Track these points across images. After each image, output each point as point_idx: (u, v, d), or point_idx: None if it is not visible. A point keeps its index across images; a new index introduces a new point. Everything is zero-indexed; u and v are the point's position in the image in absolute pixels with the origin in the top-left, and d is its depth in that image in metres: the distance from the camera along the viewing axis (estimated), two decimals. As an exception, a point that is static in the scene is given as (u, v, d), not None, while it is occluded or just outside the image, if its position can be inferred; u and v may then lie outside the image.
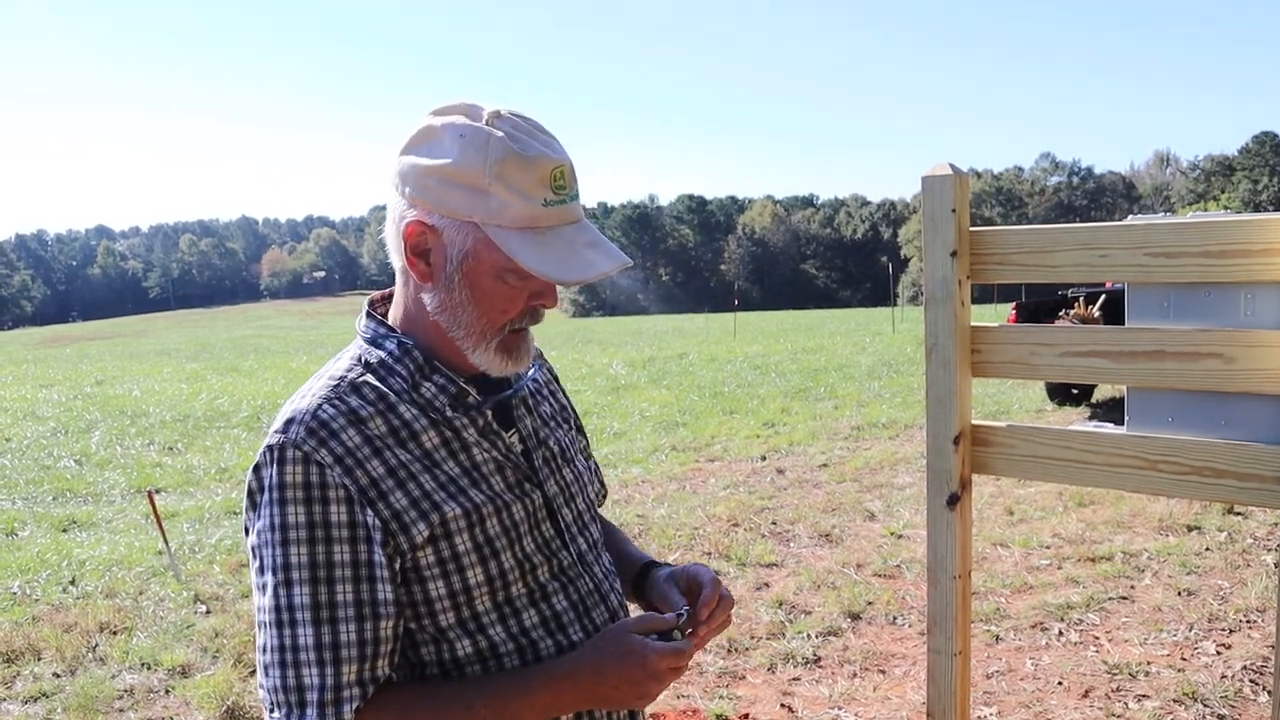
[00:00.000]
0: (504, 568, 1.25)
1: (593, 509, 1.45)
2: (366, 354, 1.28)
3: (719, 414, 12.02)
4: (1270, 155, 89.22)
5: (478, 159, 1.18)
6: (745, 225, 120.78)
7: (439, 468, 1.24)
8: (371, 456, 1.19)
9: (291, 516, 1.15)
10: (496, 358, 1.26)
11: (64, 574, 6.09)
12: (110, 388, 17.46)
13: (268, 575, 1.17)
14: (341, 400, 1.22)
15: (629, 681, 1.20)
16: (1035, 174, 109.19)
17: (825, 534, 6.50)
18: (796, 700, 4.12)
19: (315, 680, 1.15)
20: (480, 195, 1.18)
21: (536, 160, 1.18)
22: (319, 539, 1.15)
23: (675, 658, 1.21)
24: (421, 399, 1.25)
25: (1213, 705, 3.87)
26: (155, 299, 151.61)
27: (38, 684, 4.43)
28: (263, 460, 1.19)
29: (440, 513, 1.20)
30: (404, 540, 1.19)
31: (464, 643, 1.24)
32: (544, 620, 1.28)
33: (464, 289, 1.22)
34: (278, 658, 1.16)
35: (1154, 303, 1.74)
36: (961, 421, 1.83)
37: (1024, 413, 11.24)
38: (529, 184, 1.18)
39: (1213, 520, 6.27)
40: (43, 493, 8.73)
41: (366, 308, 1.35)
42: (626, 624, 1.25)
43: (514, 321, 1.25)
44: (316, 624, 1.15)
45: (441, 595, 1.22)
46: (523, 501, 1.29)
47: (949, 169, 1.79)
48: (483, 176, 1.18)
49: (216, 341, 41.85)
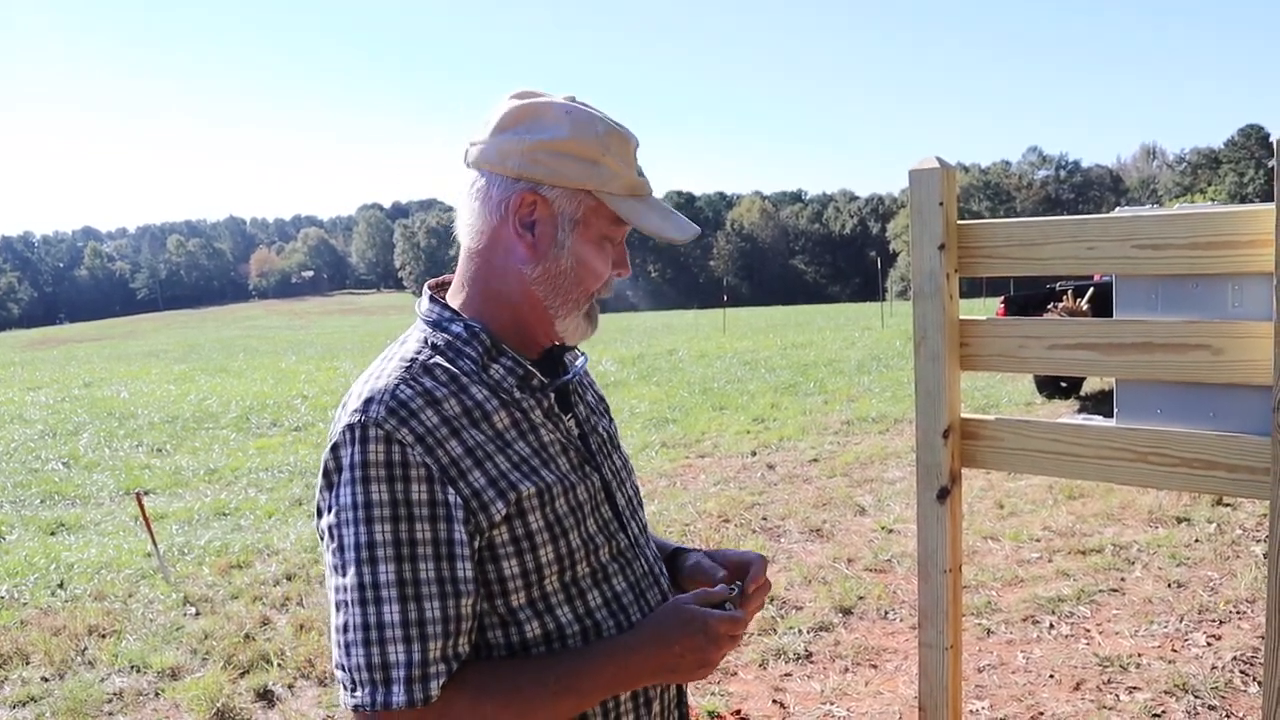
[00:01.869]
0: (571, 546, 1.28)
1: (639, 495, 1.49)
2: (432, 336, 1.31)
3: (709, 410, 12.02)
4: (1256, 148, 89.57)
5: (589, 132, 1.27)
6: (734, 221, 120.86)
7: (511, 447, 1.27)
8: (450, 436, 1.22)
9: (375, 495, 1.17)
10: (583, 324, 1.34)
11: (52, 577, 6.06)
12: (98, 389, 17.38)
13: (349, 554, 1.17)
14: (416, 381, 1.24)
15: (692, 649, 1.24)
16: (1022, 168, 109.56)
17: (816, 529, 6.50)
18: (788, 696, 4.12)
19: (402, 657, 1.16)
20: (593, 165, 1.27)
21: (629, 137, 1.32)
22: (402, 517, 1.17)
23: (733, 624, 1.25)
24: (491, 380, 1.29)
25: (1203, 696, 3.88)
26: (143, 300, 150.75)
27: (26, 688, 4.40)
28: (342, 440, 1.19)
29: (517, 491, 1.23)
30: (484, 518, 1.21)
31: (533, 624, 1.26)
32: (606, 601, 1.31)
33: (571, 256, 1.29)
34: (361, 636, 1.16)
35: (1142, 295, 1.73)
36: (951, 415, 1.83)
37: (1012, 406, 11.27)
38: (628, 157, 1.31)
39: (1202, 512, 6.29)
40: (30, 495, 8.68)
41: (429, 292, 1.39)
42: (683, 598, 1.29)
43: (600, 290, 1.34)
44: (402, 601, 1.16)
45: (515, 574, 1.24)
46: (585, 483, 1.33)
47: (936, 163, 1.78)
48: (595, 148, 1.27)
49: (205, 342, 41.68)
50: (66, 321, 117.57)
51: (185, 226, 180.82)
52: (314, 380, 17.55)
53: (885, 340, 21.07)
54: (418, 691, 1.15)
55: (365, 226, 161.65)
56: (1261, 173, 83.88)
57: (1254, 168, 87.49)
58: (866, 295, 79.04)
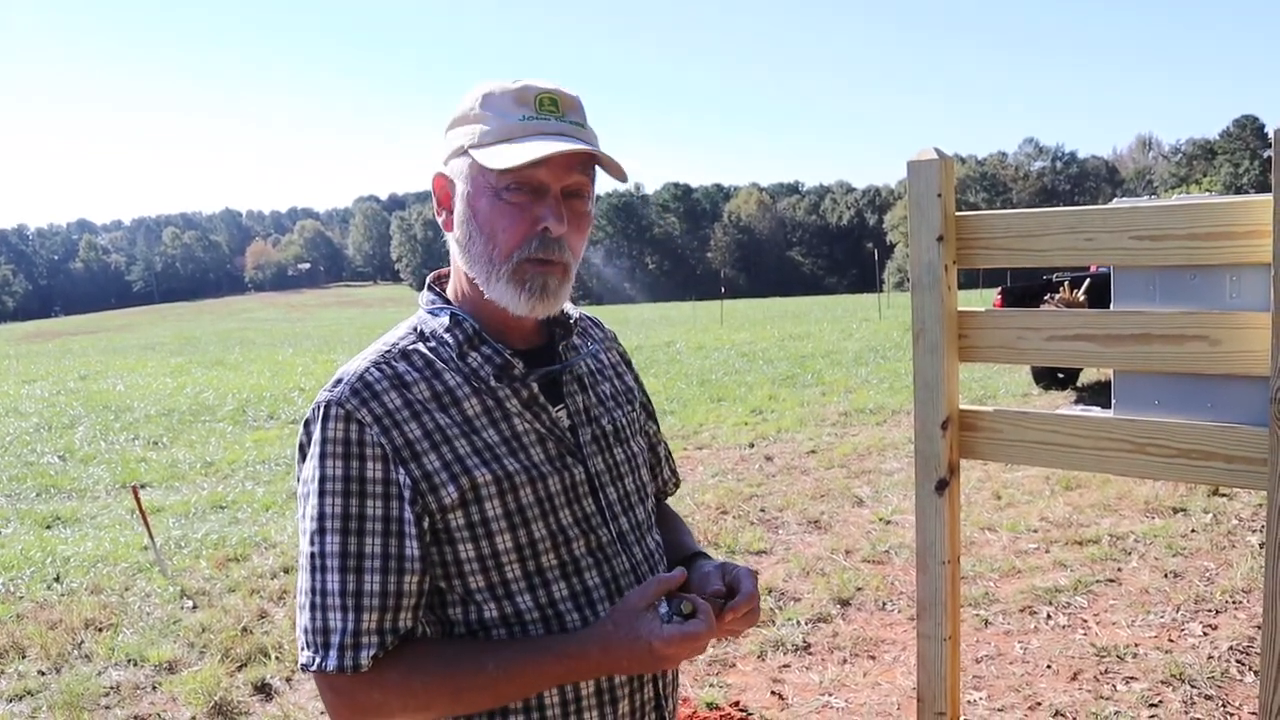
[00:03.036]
0: (534, 537, 1.28)
1: (643, 491, 1.46)
2: (423, 324, 1.35)
3: (707, 402, 12.02)
4: (1251, 139, 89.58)
5: (475, 97, 1.29)
6: (731, 213, 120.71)
7: (477, 434, 1.27)
8: (410, 419, 1.24)
9: (330, 469, 1.21)
10: (510, 289, 1.27)
11: (48, 571, 6.05)
12: (94, 383, 17.35)
13: (306, 522, 1.23)
14: (389, 365, 1.28)
15: (636, 664, 1.23)
16: (1019, 159, 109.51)
17: (814, 521, 6.51)
18: (787, 687, 4.13)
19: (338, 624, 1.20)
20: (470, 126, 1.28)
21: (522, 88, 1.27)
22: (354, 492, 1.21)
23: (683, 642, 1.20)
24: (467, 368, 1.30)
25: (1200, 686, 3.89)
26: (138, 293, 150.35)
27: (23, 682, 4.40)
28: (311, 416, 1.26)
29: (470, 477, 1.24)
30: (432, 500, 1.23)
31: (490, 607, 1.27)
32: (574, 594, 1.31)
33: (471, 222, 1.28)
34: (309, 600, 1.22)
35: (1140, 286, 1.73)
36: (949, 406, 1.83)
37: (1010, 398, 11.28)
38: (510, 106, 1.27)
39: (1198, 502, 6.31)
40: (26, 489, 8.67)
41: (429, 281, 1.42)
42: (634, 602, 1.24)
43: (521, 249, 1.26)
44: (344, 572, 1.21)
45: (470, 558, 1.26)
46: (561, 475, 1.32)
47: (935, 154, 1.78)
48: (472, 110, 1.28)
49: (201, 335, 41.60)
50: (62, 314, 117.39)
51: (180, 219, 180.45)
52: (311, 373, 17.52)
53: (883, 332, 21.08)
54: (348, 659, 1.20)
55: (362, 219, 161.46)
56: (1257, 164, 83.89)
57: (1249, 159, 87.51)
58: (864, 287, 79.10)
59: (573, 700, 1.29)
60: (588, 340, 1.49)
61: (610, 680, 1.31)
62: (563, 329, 1.41)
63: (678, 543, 1.56)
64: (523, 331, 1.36)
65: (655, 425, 1.61)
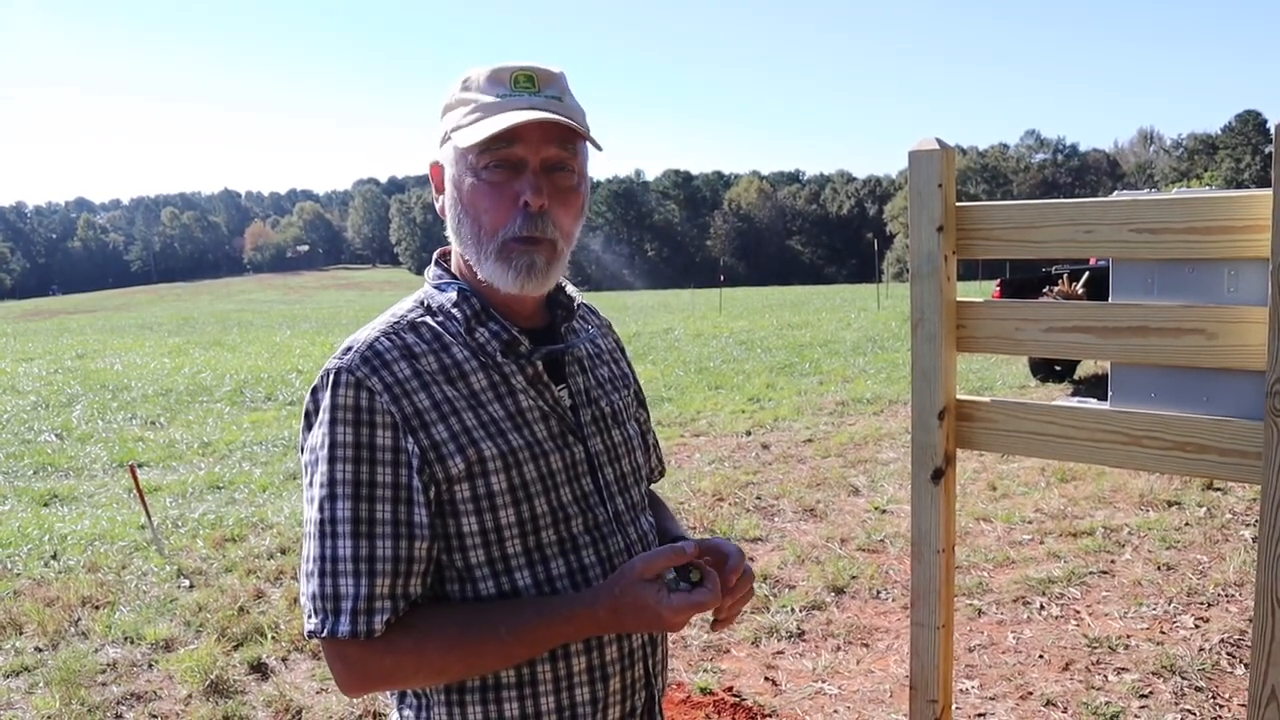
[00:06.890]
0: (536, 512, 1.29)
1: (638, 474, 1.48)
2: (429, 298, 1.36)
3: (704, 389, 12.03)
4: (1253, 134, 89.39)
5: (455, 86, 1.32)
6: (731, 201, 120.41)
7: (484, 408, 1.29)
8: (419, 389, 1.25)
9: (340, 436, 1.21)
10: (498, 268, 1.28)
11: (45, 548, 6.07)
12: (91, 361, 17.34)
13: (315, 489, 1.23)
14: (399, 335, 1.29)
15: (644, 626, 1.24)
16: (1020, 151, 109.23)
17: (810, 509, 6.53)
18: (780, 674, 4.15)
19: (350, 589, 1.21)
20: (453, 112, 1.31)
21: (498, 69, 1.29)
22: (364, 459, 1.21)
23: (692, 609, 1.22)
24: (474, 343, 1.31)
25: (1191, 678, 3.92)
26: (137, 272, 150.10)
27: (19, 658, 4.42)
28: (320, 383, 1.26)
29: (478, 449, 1.25)
30: (439, 470, 1.24)
31: (488, 583, 1.28)
32: (570, 571, 1.32)
33: (458, 205, 1.30)
34: (318, 567, 1.22)
35: (1138, 279, 1.73)
36: (946, 397, 1.83)
37: (1007, 389, 11.29)
38: (486, 86, 1.28)
39: (1192, 496, 6.33)
40: (23, 467, 8.68)
41: (436, 257, 1.43)
42: (641, 569, 1.22)
43: (506, 228, 1.27)
44: (356, 537, 1.21)
45: (474, 531, 1.26)
46: (563, 453, 1.33)
47: (936, 144, 1.78)
48: (455, 95, 1.31)
49: (199, 315, 41.55)
50: (59, 293, 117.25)
51: (179, 199, 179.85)
52: (308, 354, 17.52)
53: (881, 322, 21.08)
54: (361, 624, 1.20)
55: (361, 201, 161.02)
56: (1258, 159, 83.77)
57: (1251, 153, 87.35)
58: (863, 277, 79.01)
59: (565, 677, 1.31)
60: (586, 324, 1.51)
61: (601, 658, 1.33)
62: (564, 311, 1.43)
63: (662, 528, 1.58)
64: (524, 311, 1.37)
65: (646, 413, 1.63)
